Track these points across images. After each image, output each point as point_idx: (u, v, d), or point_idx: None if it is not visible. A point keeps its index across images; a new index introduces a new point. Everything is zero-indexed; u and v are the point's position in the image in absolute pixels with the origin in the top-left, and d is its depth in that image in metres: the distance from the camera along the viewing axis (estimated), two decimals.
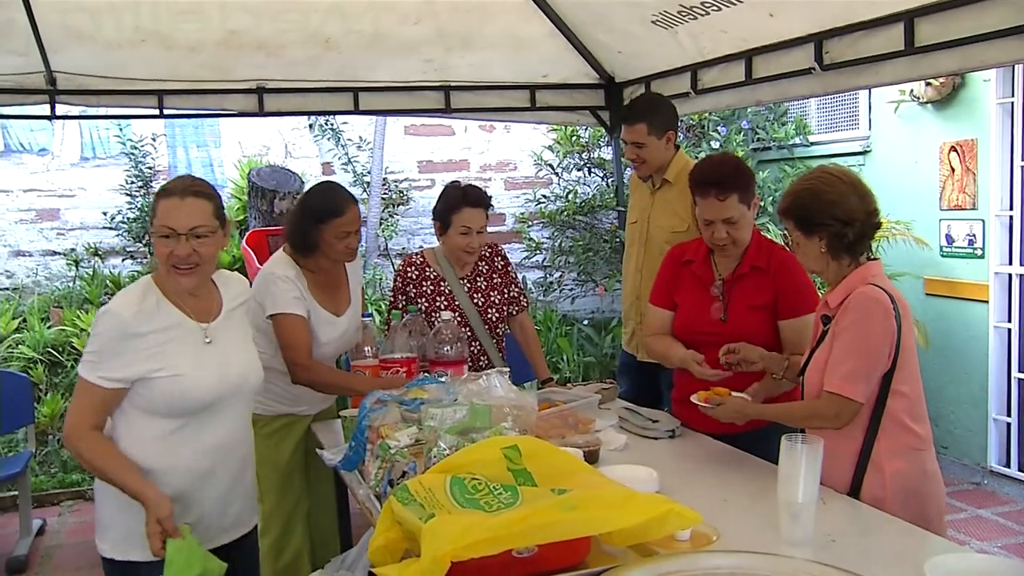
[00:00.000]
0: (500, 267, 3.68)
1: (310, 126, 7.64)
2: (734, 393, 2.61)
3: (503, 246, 3.84)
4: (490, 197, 3.58)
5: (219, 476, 2.46)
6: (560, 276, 7.57)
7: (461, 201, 3.48)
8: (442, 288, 3.57)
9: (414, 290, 3.58)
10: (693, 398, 2.61)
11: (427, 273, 3.59)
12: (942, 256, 5.66)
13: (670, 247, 3.24)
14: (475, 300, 3.57)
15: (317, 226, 3.11)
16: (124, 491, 2.24)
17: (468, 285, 3.59)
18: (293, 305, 3.09)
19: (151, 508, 2.19)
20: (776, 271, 2.90)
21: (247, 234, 6.17)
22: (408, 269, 3.62)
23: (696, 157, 3.97)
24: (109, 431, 2.35)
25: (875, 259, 2.45)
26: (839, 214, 2.37)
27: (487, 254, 3.67)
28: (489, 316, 3.58)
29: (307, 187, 3.37)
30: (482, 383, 2.35)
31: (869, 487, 2.33)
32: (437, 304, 3.52)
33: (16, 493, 5.01)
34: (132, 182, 7.18)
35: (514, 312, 3.72)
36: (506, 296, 3.66)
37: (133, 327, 2.27)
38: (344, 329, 3.24)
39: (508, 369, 2.79)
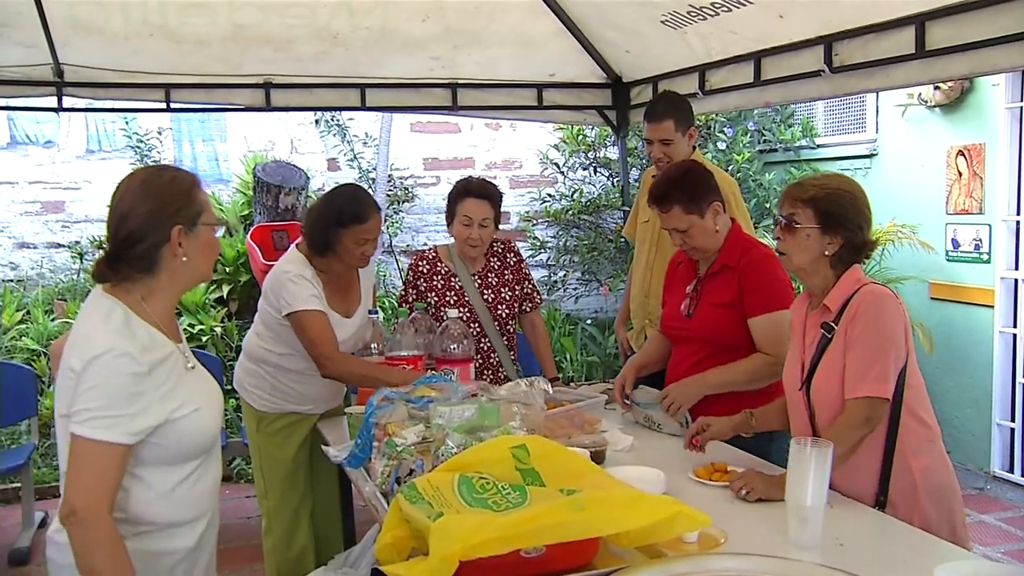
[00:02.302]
0: (512, 264, 3.67)
1: (316, 122, 7.63)
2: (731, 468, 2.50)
3: None
4: (500, 193, 3.57)
5: (217, 510, 2.16)
6: (564, 275, 7.57)
7: (464, 191, 3.50)
8: (453, 284, 3.56)
9: (425, 284, 3.57)
10: (692, 476, 2.50)
11: (438, 268, 3.58)
12: (948, 260, 5.65)
13: None
14: (485, 296, 3.56)
15: (337, 228, 3.10)
16: None
17: (479, 281, 3.58)
18: (312, 302, 3.08)
19: None
20: (743, 268, 2.91)
21: (251, 229, 6.17)
22: (420, 264, 3.62)
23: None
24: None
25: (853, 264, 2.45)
26: (864, 225, 2.38)
27: (499, 250, 3.66)
28: (499, 313, 3.58)
29: (332, 188, 3.35)
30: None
31: (898, 487, 2.32)
32: (447, 299, 3.52)
33: (19, 485, 5.02)
34: None
35: (527, 309, 3.71)
36: (517, 293, 3.65)
37: (144, 364, 1.88)
38: (353, 330, 3.24)
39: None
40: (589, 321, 7.43)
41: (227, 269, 6.78)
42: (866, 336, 2.29)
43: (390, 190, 7.63)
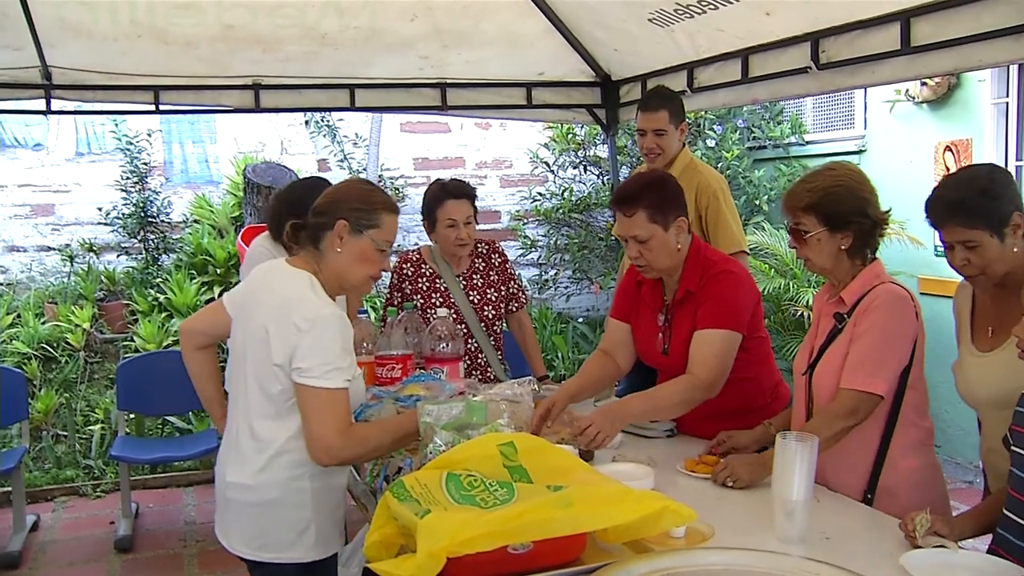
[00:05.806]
0: (497, 264, 3.68)
1: (306, 122, 7.64)
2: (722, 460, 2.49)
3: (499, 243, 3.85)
4: (473, 188, 3.61)
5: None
6: (555, 274, 7.58)
7: (442, 194, 3.51)
8: (438, 285, 3.57)
9: (410, 287, 3.58)
10: (681, 468, 2.50)
11: (423, 270, 3.59)
12: (936, 255, 5.67)
13: None
14: (471, 297, 3.57)
15: (288, 218, 3.11)
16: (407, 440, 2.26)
17: (464, 282, 3.59)
18: None
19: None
20: (700, 290, 2.73)
21: (242, 230, 6.16)
22: (404, 266, 3.62)
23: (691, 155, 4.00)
24: (295, 434, 2.23)
25: (876, 258, 2.45)
26: (871, 212, 2.37)
27: (484, 251, 3.67)
28: (485, 313, 3.59)
29: (298, 180, 3.38)
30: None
31: (884, 484, 2.34)
32: (433, 301, 3.52)
33: (10, 489, 5.00)
34: (127, 178, 7.17)
35: (513, 309, 3.73)
36: (503, 293, 3.66)
37: (349, 326, 2.28)
38: None
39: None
40: (580, 319, 7.45)
41: (218, 271, 6.78)
42: (872, 332, 2.31)
43: None
